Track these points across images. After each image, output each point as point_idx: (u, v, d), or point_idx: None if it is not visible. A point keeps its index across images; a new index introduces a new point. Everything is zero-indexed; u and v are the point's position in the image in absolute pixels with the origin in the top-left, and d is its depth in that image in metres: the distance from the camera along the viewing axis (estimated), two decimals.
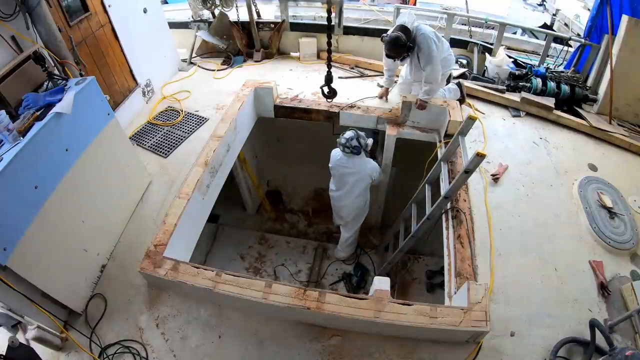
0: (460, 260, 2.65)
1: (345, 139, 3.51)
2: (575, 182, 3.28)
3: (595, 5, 4.22)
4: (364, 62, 4.90)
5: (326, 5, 3.36)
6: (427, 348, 2.34)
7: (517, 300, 2.53)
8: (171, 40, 4.79)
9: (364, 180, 3.76)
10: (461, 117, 3.53)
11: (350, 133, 3.53)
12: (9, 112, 2.30)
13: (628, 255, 2.82)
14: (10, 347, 1.92)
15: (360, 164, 3.68)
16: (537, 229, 2.93)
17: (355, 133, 3.54)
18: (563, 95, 4.19)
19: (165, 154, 3.62)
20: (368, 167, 3.70)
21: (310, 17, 6.52)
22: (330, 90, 3.95)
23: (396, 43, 3.32)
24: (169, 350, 2.39)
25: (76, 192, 2.53)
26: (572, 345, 2.30)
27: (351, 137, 3.51)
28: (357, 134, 3.53)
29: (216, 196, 3.50)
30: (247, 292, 2.35)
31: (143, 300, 2.62)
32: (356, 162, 3.67)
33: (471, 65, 4.91)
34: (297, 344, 2.42)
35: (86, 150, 2.58)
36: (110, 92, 3.51)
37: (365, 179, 3.75)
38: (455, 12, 5.41)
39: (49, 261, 2.33)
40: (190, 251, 3.07)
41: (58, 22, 2.96)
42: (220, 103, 4.20)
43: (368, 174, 3.71)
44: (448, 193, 2.84)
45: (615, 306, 2.52)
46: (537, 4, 8.42)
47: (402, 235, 3.80)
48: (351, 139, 3.50)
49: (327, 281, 4.60)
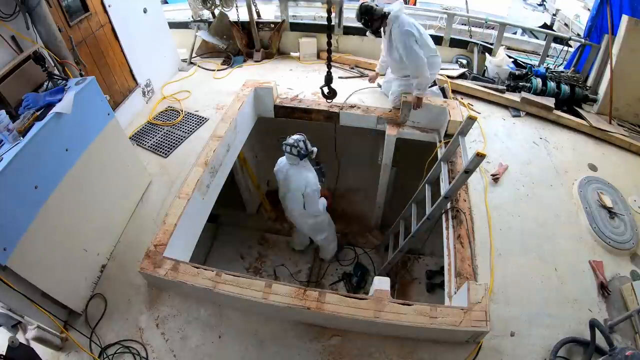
0: (460, 260, 2.65)
1: (293, 139, 3.42)
2: (575, 182, 3.28)
3: (595, 5, 4.21)
4: (364, 62, 4.90)
5: (326, 5, 3.36)
6: (427, 348, 2.34)
7: (517, 300, 2.53)
8: (171, 40, 4.79)
9: (299, 189, 3.59)
10: (461, 117, 3.53)
11: (298, 136, 3.46)
12: (9, 112, 2.30)
13: (628, 255, 2.82)
14: (10, 347, 1.92)
15: (298, 173, 3.55)
16: (537, 229, 2.93)
17: (303, 136, 3.47)
18: (563, 95, 4.19)
19: (165, 154, 3.62)
20: (302, 178, 3.54)
21: (310, 17, 6.52)
22: (330, 90, 3.95)
23: (367, 8, 3.49)
24: (169, 350, 2.39)
25: (76, 192, 2.53)
26: (572, 345, 2.30)
27: (298, 139, 3.43)
28: (304, 138, 3.46)
29: (216, 196, 3.50)
30: (247, 292, 2.35)
31: (143, 300, 2.62)
32: (295, 171, 3.56)
33: (471, 65, 4.91)
34: (297, 344, 2.42)
35: (86, 150, 2.58)
36: (110, 92, 3.51)
37: (300, 188, 3.58)
38: (455, 12, 5.41)
39: (49, 261, 2.33)
40: (190, 251, 3.07)
41: (58, 22, 2.96)
42: (220, 103, 4.20)
43: (302, 184, 3.55)
44: (448, 193, 2.84)
45: (615, 306, 2.52)
46: (537, 4, 8.42)
47: (402, 235, 3.80)
48: (298, 141, 3.41)
49: (327, 281, 4.60)
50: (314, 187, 3.58)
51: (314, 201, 3.68)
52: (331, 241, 4.46)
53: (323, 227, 4.18)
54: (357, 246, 4.93)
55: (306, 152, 3.47)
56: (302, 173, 3.55)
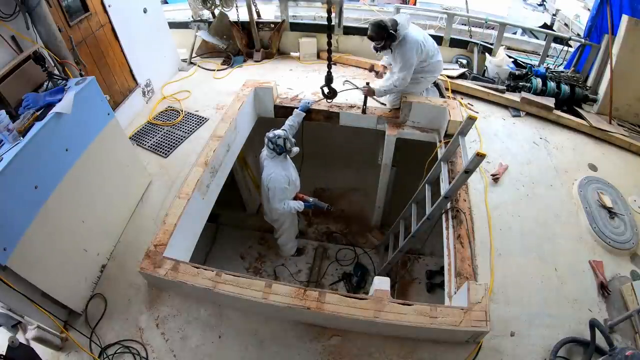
0: (460, 260, 2.65)
1: (274, 134, 3.36)
2: (575, 182, 3.28)
3: (595, 5, 4.21)
4: (364, 62, 4.90)
5: (326, 5, 3.36)
6: (427, 348, 2.34)
7: (517, 300, 2.53)
8: (171, 40, 4.79)
9: (265, 181, 3.53)
10: (461, 117, 3.53)
11: (279, 132, 3.40)
12: (9, 112, 2.30)
13: (628, 255, 2.83)
14: (10, 347, 1.92)
15: (272, 165, 3.48)
16: (537, 229, 2.94)
17: (284, 133, 3.40)
18: (563, 95, 4.19)
19: (165, 154, 3.62)
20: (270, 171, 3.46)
21: (310, 17, 6.52)
22: (330, 90, 3.95)
23: (378, 25, 3.37)
24: (169, 350, 2.39)
25: (76, 192, 2.53)
26: (572, 345, 2.30)
27: (278, 135, 3.35)
28: (285, 135, 3.38)
29: (216, 196, 3.50)
30: (247, 292, 2.35)
31: (143, 300, 2.62)
32: (270, 162, 3.50)
33: (471, 65, 4.91)
34: (297, 344, 2.42)
35: (86, 150, 2.58)
36: (110, 92, 3.51)
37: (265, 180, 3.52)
38: (455, 12, 5.41)
39: (49, 261, 2.33)
40: (190, 251, 3.07)
41: (58, 22, 2.96)
42: (220, 103, 4.20)
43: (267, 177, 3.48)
44: (448, 193, 2.84)
45: (615, 306, 2.52)
46: (537, 4, 8.41)
47: (402, 235, 3.80)
48: (279, 137, 3.34)
49: (327, 281, 4.61)
50: (276, 184, 3.46)
51: (273, 198, 3.57)
52: (286, 242, 4.41)
53: (280, 227, 4.15)
54: (357, 246, 4.94)
55: (283, 149, 3.40)
56: (273, 167, 3.47)
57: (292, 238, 4.41)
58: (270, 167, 3.51)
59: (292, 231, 4.32)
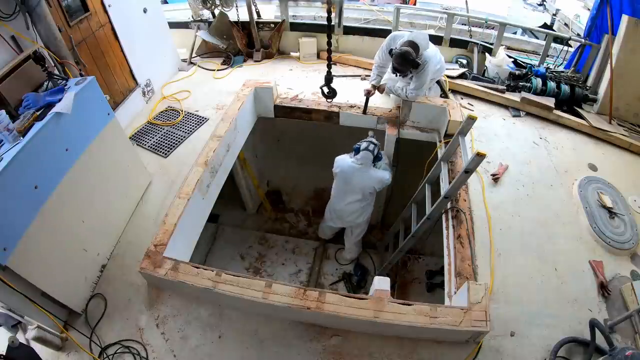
0: (460, 260, 2.65)
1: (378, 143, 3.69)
2: (575, 182, 3.28)
3: (595, 5, 4.21)
4: (364, 62, 4.90)
5: (326, 5, 3.36)
6: (428, 348, 2.34)
7: (517, 300, 2.53)
8: (171, 40, 4.78)
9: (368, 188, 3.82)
10: (461, 117, 3.53)
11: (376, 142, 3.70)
12: (9, 112, 2.30)
13: (628, 255, 2.82)
14: (10, 347, 1.91)
15: (373, 170, 3.74)
16: (537, 229, 2.93)
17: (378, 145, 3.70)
18: (563, 95, 4.19)
19: (165, 154, 3.62)
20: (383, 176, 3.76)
21: (310, 17, 6.51)
22: (330, 90, 3.95)
23: (406, 57, 3.23)
24: (169, 350, 2.39)
25: (76, 192, 2.52)
26: (572, 345, 2.30)
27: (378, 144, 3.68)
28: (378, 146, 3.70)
29: (216, 196, 3.50)
30: (247, 292, 2.35)
31: (143, 300, 2.62)
32: (364, 171, 3.72)
33: (471, 65, 4.91)
34: (297, 344, 2.42)
35: (86, 150, 2.58)
36: (110, 92, 3.50)
37: (369, 188, 3.82)
38: (455, 12, 5.40)
39: (49, 261, 2.33)
40: (190, 251, 3.07)
41: (58, 22, 2.96)
42: (220, 103, 4.20)
43: (372, 184, 3.77)
44: (448, 193, 2.84)
45: (615, 306, 2.51)
46: (537, 4, 8.40)
47: (402, 235, 3.80)
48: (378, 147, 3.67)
49: (327, 281, 4.61)
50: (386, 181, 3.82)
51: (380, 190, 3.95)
52: (360, 243, 4.60)
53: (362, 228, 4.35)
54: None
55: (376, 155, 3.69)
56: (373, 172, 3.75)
57: None
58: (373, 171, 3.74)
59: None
